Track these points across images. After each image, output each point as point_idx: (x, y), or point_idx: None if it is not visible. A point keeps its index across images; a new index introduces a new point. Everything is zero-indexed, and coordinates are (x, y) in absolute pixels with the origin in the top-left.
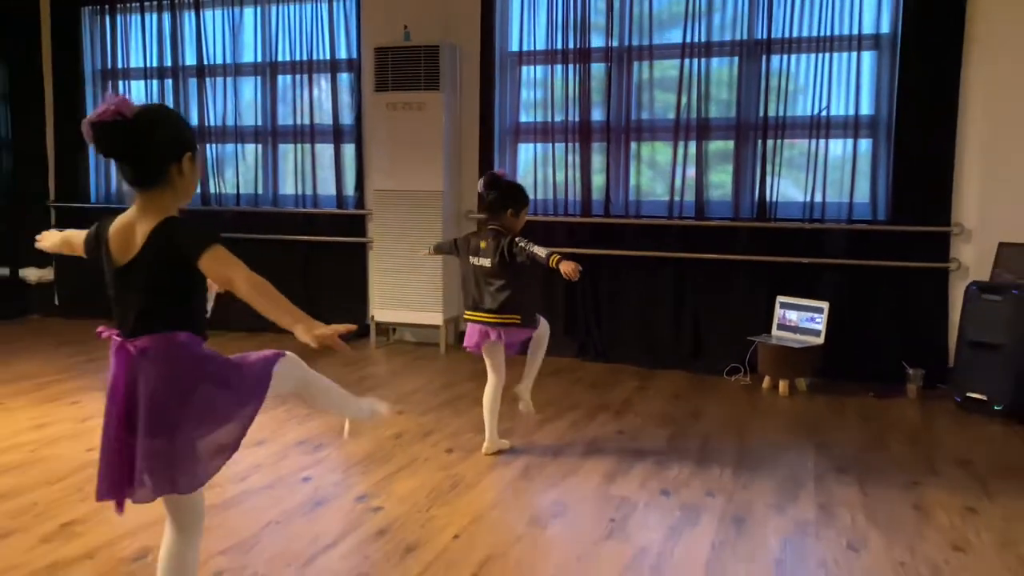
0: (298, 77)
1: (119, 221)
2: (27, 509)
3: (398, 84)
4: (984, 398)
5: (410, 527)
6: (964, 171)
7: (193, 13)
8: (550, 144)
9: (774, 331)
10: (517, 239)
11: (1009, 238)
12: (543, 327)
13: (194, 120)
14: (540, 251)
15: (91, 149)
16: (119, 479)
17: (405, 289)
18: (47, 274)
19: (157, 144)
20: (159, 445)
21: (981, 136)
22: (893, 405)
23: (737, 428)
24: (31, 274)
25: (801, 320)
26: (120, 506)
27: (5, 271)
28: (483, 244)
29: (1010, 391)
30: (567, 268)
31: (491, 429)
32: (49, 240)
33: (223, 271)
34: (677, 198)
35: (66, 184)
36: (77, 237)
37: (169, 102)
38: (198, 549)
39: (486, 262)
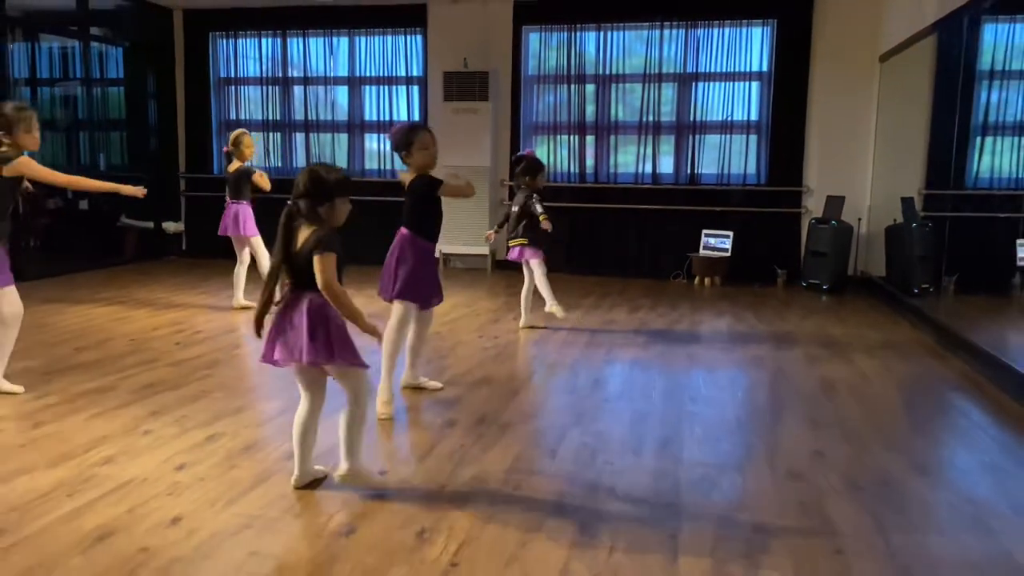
0: (380, 88)
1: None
2: None
3: (460, 96)
4: (818, 282)
5: (536, 332)
6: (809, 155)
7: (299, 38)
8: (557, 136)
9: (701, 250)
10: (533, 197)
11: (832, 192)
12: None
13: (299, 116)
14: (538, 208)
15: (215, 135)
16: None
17: (461, 230)
18: (180, 226)
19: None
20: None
21: (818, 134)
22: (770, 291)
23: (688, 300)
24: (169, 226)
25: (717, 243)
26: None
27: (150, 224)
28: (516, 198)
29: (831, 279)
30: (544, 224)
31: (549, 297)
32: None
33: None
34: (640, 170)
35: (194, 160)
36: None
37: (278, 104)
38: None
39: (515, 209)
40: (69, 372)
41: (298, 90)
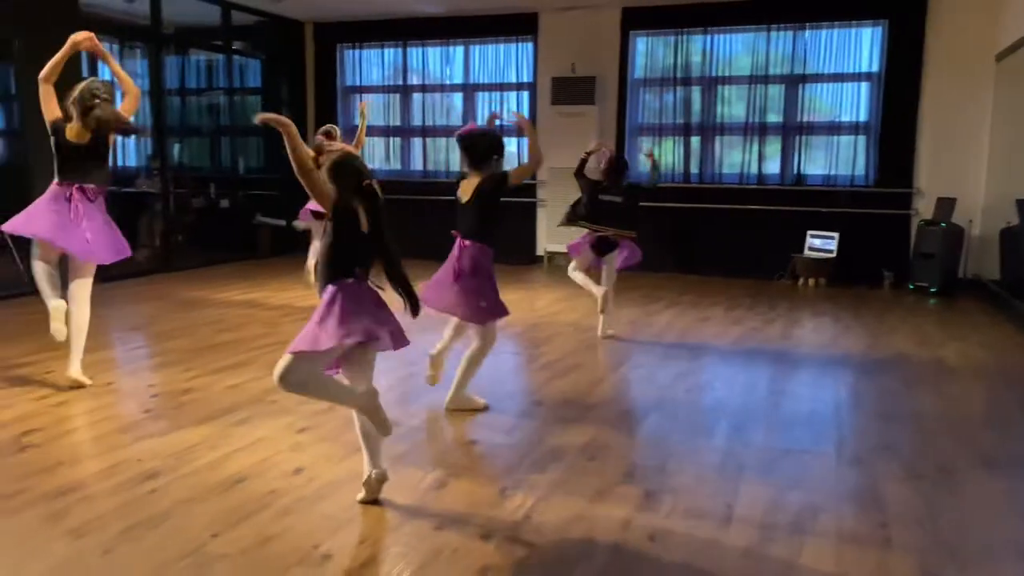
0: (492, 94)
1: (465, 182)
2: None
3: (568, 100)
4: (926, 285)
5: (628, 326)
6: (920, 156)
7: (419, 48)
8: (662, 137)
9: (805, 251)
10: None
11: (942, 194)
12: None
13: (417, 121)
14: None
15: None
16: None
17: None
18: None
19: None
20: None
21: (929, 136)
22: (876, 292)
23: (788, 300)
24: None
25: (822, 244)
26: None
27: (282, 222)
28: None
29: (939, 280)
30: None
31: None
32: None
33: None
34: (746, 171)
35: None
36: None
37: (397, 110)
38: None
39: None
40: (211, 350)
41: (417, 97)
